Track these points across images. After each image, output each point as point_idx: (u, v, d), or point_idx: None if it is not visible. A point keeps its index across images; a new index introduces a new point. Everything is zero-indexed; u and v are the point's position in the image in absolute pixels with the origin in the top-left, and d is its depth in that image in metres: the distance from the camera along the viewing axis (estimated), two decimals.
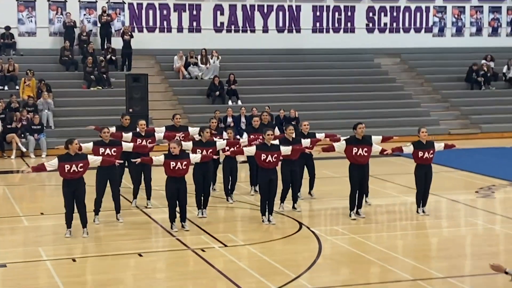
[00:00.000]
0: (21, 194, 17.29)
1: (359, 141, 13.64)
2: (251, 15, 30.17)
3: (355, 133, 13.73)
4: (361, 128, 13.69)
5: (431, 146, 14.02)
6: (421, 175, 14.06)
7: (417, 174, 14.12)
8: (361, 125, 13.75)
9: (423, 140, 14.01)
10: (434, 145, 14.07)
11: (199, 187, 13.90)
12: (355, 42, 31.08)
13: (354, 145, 13.57)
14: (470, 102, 29.20)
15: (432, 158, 14.07)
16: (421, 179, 14.07)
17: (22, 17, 27.70)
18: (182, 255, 11.71)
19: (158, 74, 28.19)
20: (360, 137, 13.67)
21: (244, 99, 26.80)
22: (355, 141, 13.66)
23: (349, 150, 13.59)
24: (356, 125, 13.78)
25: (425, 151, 13.92)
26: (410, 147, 14.01)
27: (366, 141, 13.72)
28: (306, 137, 15.00)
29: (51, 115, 24.16)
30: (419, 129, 14.17)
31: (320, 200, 15.65)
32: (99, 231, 13.07)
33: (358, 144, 13.59)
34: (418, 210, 14.30)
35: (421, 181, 14.07)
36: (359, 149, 13.57)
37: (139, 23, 28.92)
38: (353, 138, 13.76)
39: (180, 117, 16.16)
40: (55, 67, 27.12)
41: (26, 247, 12.30)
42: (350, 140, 13.73)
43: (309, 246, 12.16)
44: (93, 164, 12.69)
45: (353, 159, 13.63)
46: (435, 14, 32.33)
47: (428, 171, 14.10)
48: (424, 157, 13.95)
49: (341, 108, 27.37)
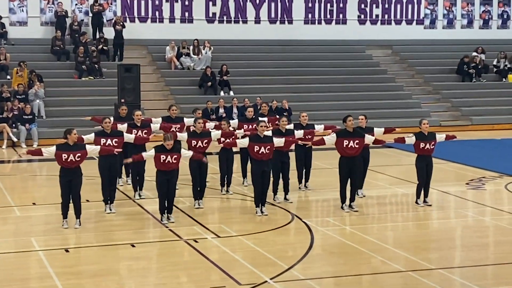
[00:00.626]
0: (12, 184, 17.27)
1: (350, 134, 13.67)
2: (243, 5, 30.13)
3: (345, 126, 13.77)
4: (350, 120, 13.71)
5: (432, 137, 14.13)
6: (423, 166, 14.14)
7: (419, 166, 14.20)
8: (351, 117, 13.77)
9: (425, 131, 14.09)
10: (436, 137, 14.17)
11: (196, 178, 13.94)
12: (347, 33, 31.11)
13: (345, 138, 13.59)
14: (461, 94, 29.31)
15: (433, 150, 14.17)
16: (423, 170, 14.15)
17: (13, 7, 27.58)
18: (175, 245, 11.75)
19: (150, 64, 28.15)
20: (351, 130, 13.71)
21: (236, 90, 26.81)
22: (346, 133, 13.68)
23: (340, 142, 13.59)
24: (345, 117, 13.80)
25: (427, 142, 14.01)
26: (412, 138, 14.08)
27: (357, 134, 13.77)
28: (304, 128, 15.05)
29: (42, 105, 24.11)
30: (421, 120, 14.29)
31: (312, 191, 15.71)
32: (91, 222, 13.09)
33: (350, 136, 13.61)
34: (417, 201, 14.36)
35: (423, 172, 14.15)
36: (350, 142, 13.57)
37: (131, 13, 28.84)
38: (344, 130, 13.80)
39: (176, 108, 16.16)
40: (46, 56, 27.03)
41: (18, 237, 12.31)
42: (341, 133, 13.75)
43: (301, 237, 12.23)
44: (91, 153, 12.67)
45: (343, 151, 13.64)
46: (427, 6, 32.39)
47: (429, 163, 14.21)
48: (425, 148, 14.03)
49: (332, 99, 27.43)
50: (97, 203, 13.81)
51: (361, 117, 14.89)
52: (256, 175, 13.34)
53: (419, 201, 14.36)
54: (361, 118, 14.87)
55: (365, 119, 14.86)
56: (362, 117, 14.89)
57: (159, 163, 12.64)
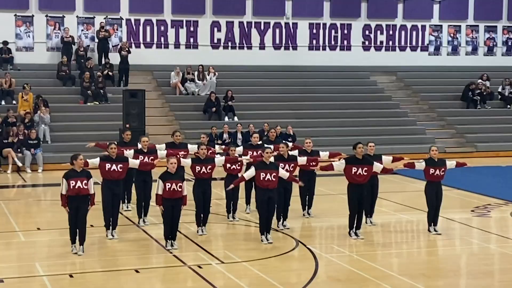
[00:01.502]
0: (17, 209, 17.27)
1: (359, 161, 13.62)
2: (248, 31, 30.30)
3: (355, 153, 13.72)
4: (360, 148, 13.66)
5: (442, 164, 14.08)
6: (432, 193, 14.05)
7: (428, 193, 14.11)
8: (361, 144, 13.73)
9: (434, 157, 14.06)
10: (446, 163, 14.13)
11: (199, 205, 13.93)
12: (351, 59, 31.24)
13: (354, 165, 13.55)
14: (466, 120, 29.32)
15: (443, 176, 14.09)
16: (432, 197, 14.06)
17: (20, 32, 27.77)
18: (179, 271, 11.71)
19: (155, 89, 28.26)
20: (360, 157, 13.66)
21: (241, 116, 26.87)
22: (355, 160, 13.64)
23: (348, 169, 13.55)
24: (355, 144, 13.74)
25: (437, 168, 13.96)
26: (422, 163, 14.04)
27: (366, 161, 13.72)
28: (309, 154, 15.02)
29: (48, 130, 24.18)
30: (430, 147, 14.28)
31: (317, 217, 15.67)
32: (95, 247, 13.05)
33: (358, 164, 13.57)
34: (429, 229, 14.26)
35: (433, 199, 14.07)
36: (359, 169, 13.53)
37: (136, 39, 29.02)
38: (353, 157, 13.74)
39: (180, 134, 16.12)
40: (52, 82, 27.16)
41: (22, 262, 12.28)
42: (350, 160, 13.71)
43: (306, 263, 12.18)
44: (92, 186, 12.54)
45: (351, 178, 13.59)
46: (431, 33, 32.52)
47: (439, 190, 14.12)
48: (435, 174, 13.97)
49: (337, 125, 27.45)
50: (101, 228, 13.78)
51: (371, 144, 14.76)
52: (261, 202, 13.27)
53: (431, 228, 14.25)
54: (371, 145, 14.75)
55: (374, 146, 14.81)
56: (372, 144, 14.76)
57: (165, 190, 12.63)
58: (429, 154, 14.13)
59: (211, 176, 14.02)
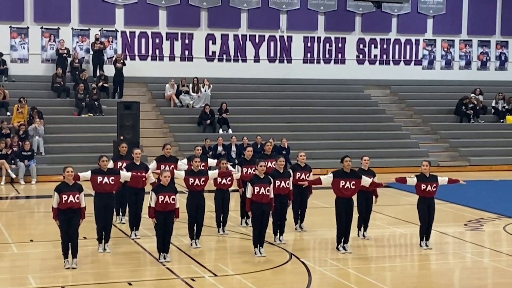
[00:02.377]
0: (10, 221, 17.23)
1: (347, 175, 13.62)
2: (243, 44, 30.40)
3: (342, 166, 13.74)
4: (347, 161, 13.64)
5: (434, 179, 14.04)
6: (424, 208, 14.01)
7: (420, 208, 14.08)
8: (348, 158, 13.70)
9: (426, 173, 14.03)
10: (438, 179, 14.10)
11: (192, 217, 13.92)
12: (346, 73, 31.35)
13: (341, 178, 13.55)
14: (459, 134, 29.42)
15: (435, 192, 14.03)
16: (424, 213, 14.02)
17: (15, 44, 27.79)
18: (172, 284, 11.70)
19: (150, 102, 28.30)
20: (348, 170, 13.68)
21: (235, 128, 26.91)
22: (342, 174, 13.63)
23: (336, 183, 13.55)
24: (343, 158, 13.74)
25: (428, 184, 13.92)
26: (413, 179, 14.01)
27: (354, 175, 13.72)
28: (303, 168, 15.02)
29: (42, 141, 24.16)
30: (422, 162, 14.19)
31: (310, 230, 15.67)
32: (88, 259, 13.03)
33: (346, 177, 13.57)
34: (421, 244, 14.24)
35: (425, 215, 14.03)
36: (347, 182, 13.54)
37: (131, 51, 29.08)
38: (340, 171, 13.72)
39: (170, 147, 16.05)
40: (46, 93, 27.17)
41: (15, 274, 12.25)
42: (338, 173, 13.69)
43: (299, 277, 12.18)
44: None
45: (339, 192, 13.58)
46: (425, 47, 32.69)
47: (431, 205, 14.07)
48: (426, 190, 13.92)
49: (330, 138, 27.52)
50: (94, 240, 13.75)
51: (366, 158, 14.77)
52: (255, 215, 13.26)
53: (422, 243, 14.24)
54: (365, 159, 14.76)
55: (368, 160, 14.80)
56: (366, 158, 14.77)
57: (157, 203, 12.62)
58: (421, 169, 14.13)
59: (204, 188, 14.01)
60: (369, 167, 14.78)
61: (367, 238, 14.94)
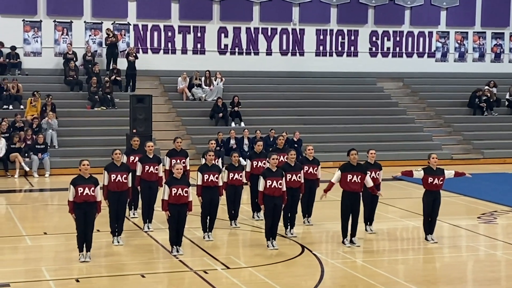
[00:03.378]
0: (24, 214, 17.33)
1: (354, 168, 13.54)
2: (255, 37, 30.36)
3: (349, 159, 13.67)
4: (353, 154, 13.55)
5: (441, 172, 13.94)
6: (429, 201, 13.92)
7: (425, 200, 14.00)
8: (354, 151, 13.60)
9: (433, 166, 13.95)
10: (444, 172, 14.01)
11: (205, 210, 13.95)
12: (358, 65, 31.26)
13: (349, 172, 13.48)
14: (473, 127, 29.29)
15: (441, 185, 13.94)
16: (429, 205, 13.93)
17: (28, 37, 27.89)
18: (185, 276, 11.74)
19: (162, 95, 28.33)
20: (355, 163, 13.61)
21: (247, 121, 26.91)
22: (349, 168, 13.55)
23: (343, 177, 13.48)
24: (349, 151, 13.66)
25: (435, 177, 13.83)
26: (420, 172, 13.95)
27: (360, 168, 13.67)
28: (311, 162, 15.00)
29: (55, 134, 24.26)
30: (430, 154, 14.09)
31: (319, 223, 15.66)
32: (102, 252, 13.09)
33: (353, 171, 13.49)
34: (426, 238, 14.17)
35: (429, 207, 13.94)
36: (354, 176, 13.46)
37: (144, 44, 29.11)
38: (347, 165, 13.65)
39: (181, 140, 16.02)
40: (59, 87, 27.25)
41: (29, 266, 12.31)
42: (345, 168, 13.60)
43: (311, 269, 12.19)
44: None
45: (346, 186, 13.50)
46: (438, 39, 32.52)
47: (437, 198, 13.97)
48: (433, 183, 13.84)
49: (343, 131, 27.46)
50: (108, 233, 13.82)
51: (372, 152, 14.67)
52: (268, 208, 13.25)
53: (428, 237, 14.17)
54: (372, 152, 14.66)
55: (375, 154, 14.71)
56: (372, 152, 14.67)
57: (170, 196, 12.65)
58: (429, 162, 14.03)
59: (218, 184, 13.99)
60: (375, 161, 14.68)
61: (374, 232, 14.85)
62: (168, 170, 15.10)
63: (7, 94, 25.43)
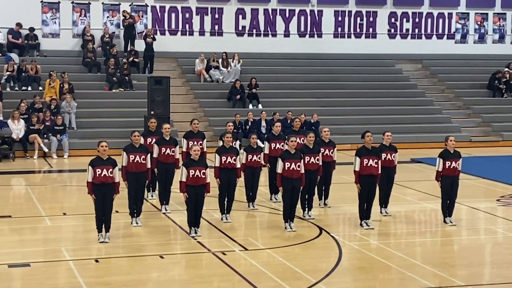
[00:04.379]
0: (43, 194, 17.46)
1: (369, 152, 13.49)
2: (273, 19, 30.24)
3: (364, 142, 13.62)
4: (369, 136, 13.50)
5: (458, 155, 13.81)
6: (447, 184, 13.83)
7: (443, 183, 13.87)
8: (369, 133, 13.54)
9: (451, 148, 13.82)
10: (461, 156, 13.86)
11: (223, 192, 13.97)
12: (377, 47, 31.07)
13: (365, 156, 13.44)
14: (492, 109, 29.07)
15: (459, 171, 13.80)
16: (447, 189, 13.85)
17: (46, 19, 27.96)
18: (203, 257, 11.79)
19: (180, 77, 28.34)
20: (370, 146, 13.55)
21: (265, 103, 26.87)
22: (365, 152, 13.50)
23: (360, 161, 13.47)
24: (364, 133, 13.60)
25: (452, 160, 13.71)
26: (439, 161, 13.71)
27: (375, 152, 13.60)
28: (326, 144, 14.95)
29: (73, 116, 24.36)
30: (447, 137, 13.94)
31: (335, 206, 15.63)
32: (120, 232, 13.17)
33: (369, 155, 13.44)
34: (445, 220, 14.09)
35: (447, 190, 13.86)
36: (369, 160, 13.42)
37: (161, 26, 29.09)
38: (363, 148, 13.59)
39: (198, 122, 15.97)
40: (77, 68, 27.34)
41: (49, 247, 12.42)
42: (361, 152, 13.53)
43: (329, 251, 12.20)
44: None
45: (363, 169, 13.45)
46: (458, 20, 32.23)
47: (455, 181, 13.86)
48: (451, 167, 13.73)
49: (361, 114, 27.35)
50: (126, 214, 13.90)
51: (388, 134, 14.54)
52: (286, 191, 13.24)
53: (446, 220, 14.09)
54: (388, 134, 14.53)
55: (391, 136, 14.56)
56: (388, 134, 14.54)
57: (188, 177, 12.67)
58: (446, 144, 13.91)
59: (235, 166, 13.99)
60: (391, 143, 14.57)
61: (389, 214, 14.80)
62: (185, 152, 15.12)
63: (25, 76, 25.54)
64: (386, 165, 14.12)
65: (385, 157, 14.14)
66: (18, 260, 11.39)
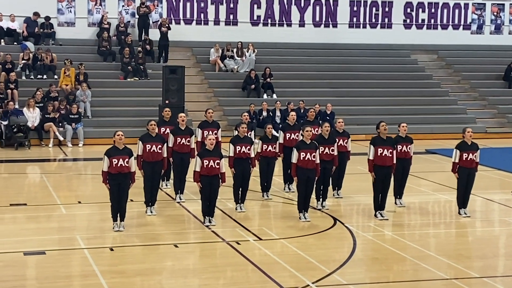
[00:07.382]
0: (58, 183, 17.55)
1: (384, 142, 13.47)
2: (288, 9, 30.16)
3: (379, 132, 13.59)
4: (383, 126, 13.47)
5: (475, 147, 13.76)
6: (464, 176, 13.77)
7: (460, 175, 13.81)
8: (383, 123, 13.52)
9: (468, 140, 13.76)
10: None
11: (237, 182, 13.99)
12: (392, 38, 30.92)
13: (379, 146, 13.42)
14: (508, 100, 28.89)
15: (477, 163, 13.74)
16: (463, 180, 13.78)
17: (62, 7, 28.02)
18: (217, 247, 11.83)
19: (194, 66, 28.34)
20: (385, 137, 13.52)
21: (279, 93, 26.84)
22: (380, 141, 13.48)
23: (375, 151, 13.44)
24: (378, 123, 13.58)
25: (469, 152, 13.65)
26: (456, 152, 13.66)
27: (390, 142, 13.57)
28: (341, 134, 14.93)
29: (88, 105, 24.44)
30: (465, 128, 13.87)
31: (349, 196, 15.62)
32: (135, 221, 13.22)
33: (384, 145, 13.42)
34: (460, 212, 14.05)
35: (463, 182, 13.80)
36: (384, 150, 13.40)
37: (176, 15, 29.08)
38: (378, 138, 13.57)
39: (212, 112, 15.94)
40: (93, 57, 27.40)
41: (64, 235, 12.49)
42: (376, 141, 13.51)
43: (343, 242, 12.21)
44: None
45: (377, 159, 13.43)
46: (474, 11, 32.01)
47: (471, 173, 13.81)
48: (468, 159, 13.66)
49: (376, 104, 27.27)
50: (141, 203, 13.96)
51: (404, 125, 14.42)
52: (300, 181, 13.25)
53: (461, 211, 14.06)
54: (403, 125, 14.42)
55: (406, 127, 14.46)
56: (404, 125, 14.42)
57: (202, 167, 12.69)
58: (464, 135, 13.84)
59: (250, 155, 14.00)
60: (407, 134, 14.51)
61: (403, 205, 14.75)
62: (200, 141, 15.14)
63: (41, 64, 25.63)
64: (401, 156, 14.08)
65: (401, 148, 14.11)
66: (33, 248, 11.47)
